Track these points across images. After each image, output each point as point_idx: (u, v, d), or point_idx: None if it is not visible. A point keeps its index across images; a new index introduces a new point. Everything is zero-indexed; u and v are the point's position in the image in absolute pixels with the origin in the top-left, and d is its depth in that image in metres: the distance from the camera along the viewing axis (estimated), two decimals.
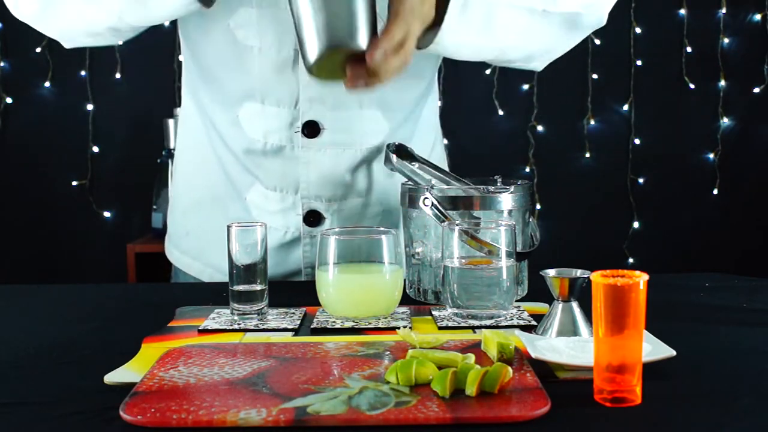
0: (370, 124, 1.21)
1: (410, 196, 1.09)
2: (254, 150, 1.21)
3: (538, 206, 3.03)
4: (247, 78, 1.18)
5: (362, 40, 0.79)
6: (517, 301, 1.07)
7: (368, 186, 1.24)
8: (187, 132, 1.33)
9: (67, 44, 1.22)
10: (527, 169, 3.05)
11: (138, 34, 1.18)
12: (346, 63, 0.93)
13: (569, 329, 0.88)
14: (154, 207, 2.67)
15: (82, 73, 2.90)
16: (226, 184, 1.26)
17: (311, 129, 1.18)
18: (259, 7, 1.14)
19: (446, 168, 1.30)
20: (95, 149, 2.95)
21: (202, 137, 1.28)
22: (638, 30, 3.05)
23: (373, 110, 1.21)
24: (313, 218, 1.22)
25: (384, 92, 1.13)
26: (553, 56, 1.22)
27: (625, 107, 3.07)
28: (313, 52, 0.76)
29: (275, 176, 1.21)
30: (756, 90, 3.08)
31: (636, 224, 3.09)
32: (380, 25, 0.92)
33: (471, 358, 0.78)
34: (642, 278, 0.70)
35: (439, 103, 1.57)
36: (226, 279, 1.02)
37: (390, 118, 1.23)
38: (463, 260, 0.98)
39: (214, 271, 1.29)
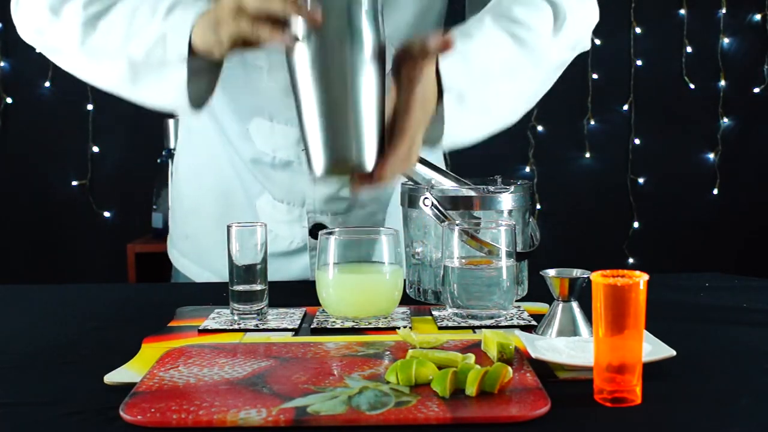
0: None
1: (410, 196, 1.09)
2: (263, 162, 1.21)
3: (538, 206, 3.03)
4: (256, 97, 1.18)
5: (369, 161, 0.74)
6: (517, 301, 1.07)
7: (373, 196, 1.24)
8: (190, 134, 1.32)
9: None
10: (527, 169, 3.05)
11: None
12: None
13: (569, 329, 0.88)
14: (154, 207, 2.67)
15: None
16: (238, 188, 1.26)
17: None
18: None
19: (446, 168, 1.29)
20: (95, 149, 2.95)
21: (209, 141, 1.28)
22: (638, 30, 3.05)
23: None
24: (318, 230, 1.22)
25: None
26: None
27: (625, 107, 3.07)
28: (318, 169, 0.73)
29: (282, 189, 1.22)
30: (756, 90, 3.08)
31: (636, 224, 3.09)
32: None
33: (471, 358, 0.78)
34: (642, 278, 0.70)
35: None
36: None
37: None
38: (463, 260, 0.98)
39: (212, 275, 1.29)
